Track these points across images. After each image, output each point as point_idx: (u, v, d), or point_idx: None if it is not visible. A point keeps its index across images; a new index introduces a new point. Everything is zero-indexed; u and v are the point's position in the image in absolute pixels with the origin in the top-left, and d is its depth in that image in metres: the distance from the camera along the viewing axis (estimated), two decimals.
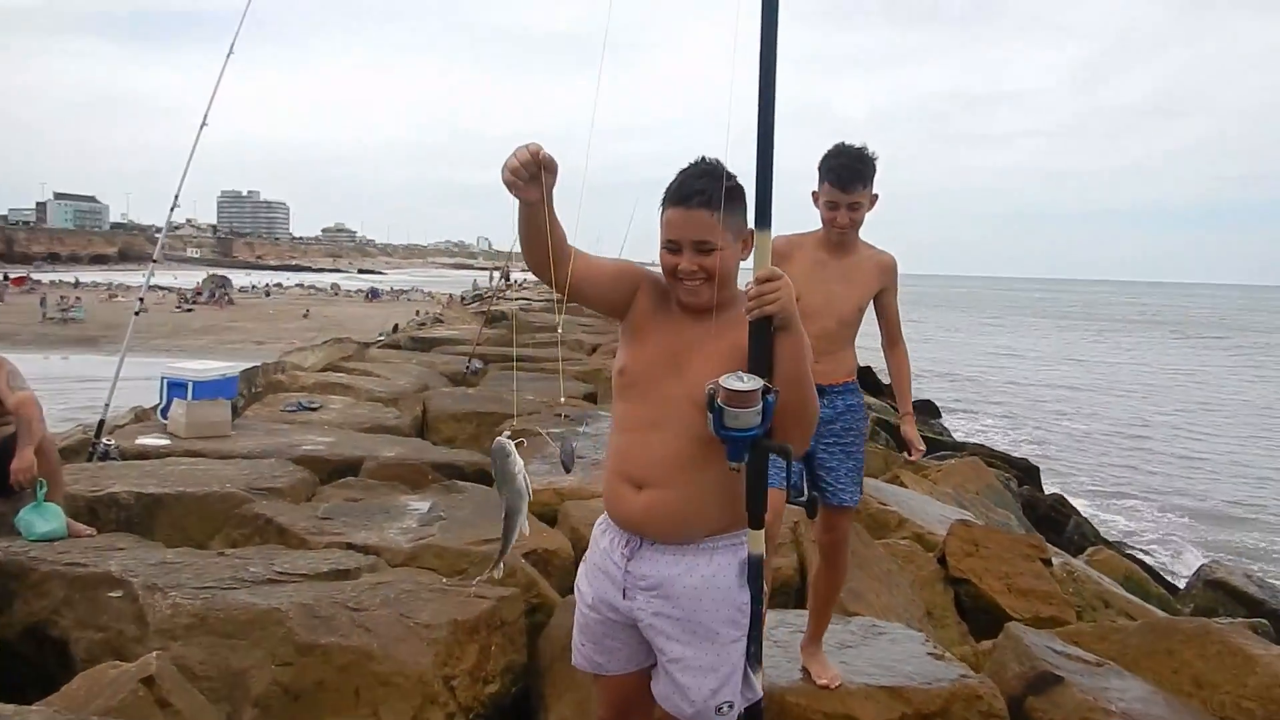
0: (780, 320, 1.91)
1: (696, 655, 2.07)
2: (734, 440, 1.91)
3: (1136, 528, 13.14)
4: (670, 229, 2.05)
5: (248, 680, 3.03)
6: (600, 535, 2.23)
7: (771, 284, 1.88)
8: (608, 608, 2.16)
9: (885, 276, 3.25)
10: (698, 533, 2.08)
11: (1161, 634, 3.76)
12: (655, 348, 2.11)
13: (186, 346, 21.96)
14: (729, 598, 2.07)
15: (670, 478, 2.06)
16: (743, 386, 1.86)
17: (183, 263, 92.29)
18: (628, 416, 2.15)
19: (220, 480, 4.86)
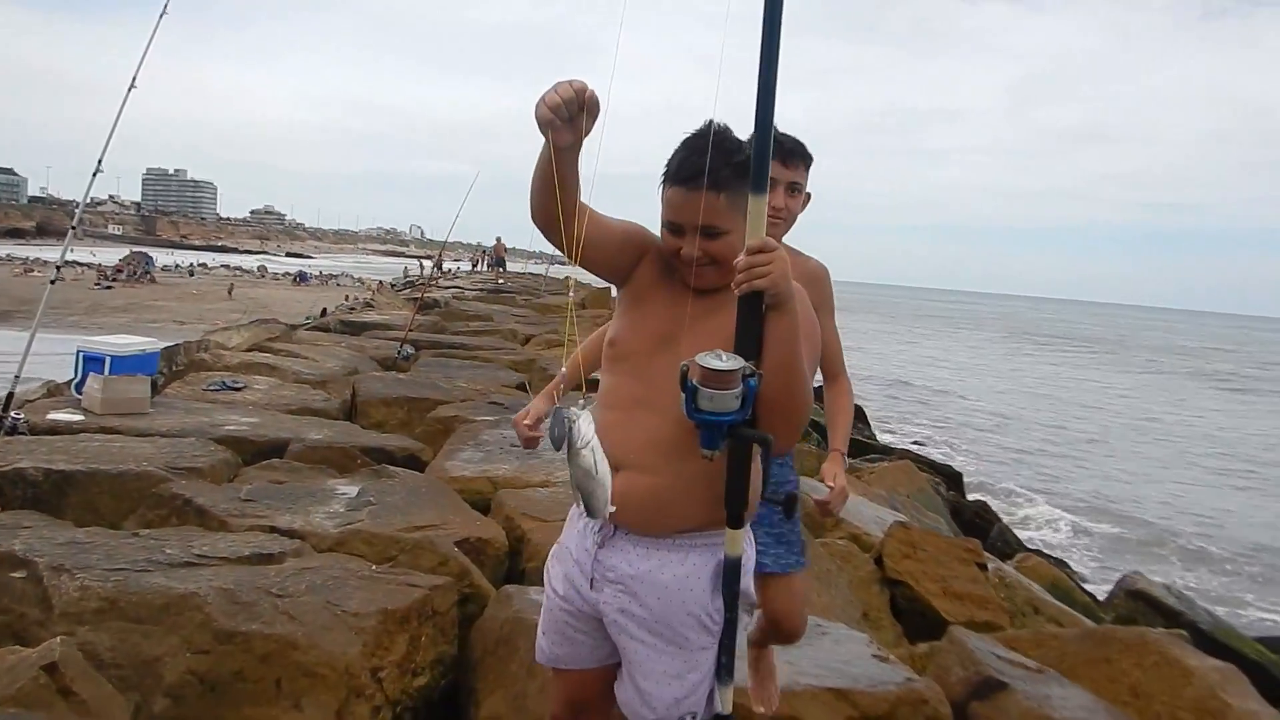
0: (772, 297, 1.73)
1: (661, 660, 1.93)
2: (707, 424, 1.75)
3: (1055, 537, 13.42)
4: (671, 210, 1.89)
5: (160, 668, 2.84)
6: (575, 517, 2.09)
7: (764, 255, 1.70)
8: (576, 596, 2.02)
9: (812, 290, 2.47)
10: (674, 525, 1.92)
11: (1099, 642, 3.77)
12: (652, 321, 1.96)
13: (105, 324, 21.13)
14: (701, 601, 1.92)
15: (650, 461, 1.90)
16: (720, 365, 1.69)
17: (104, 239, 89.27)
18: (613, 392, 1.99)
19: (137, 458, 4.61)
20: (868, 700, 2.86)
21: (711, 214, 1.84)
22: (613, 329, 2.03)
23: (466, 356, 10.56)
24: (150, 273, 39.42)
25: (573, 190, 1.82)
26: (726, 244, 1.85)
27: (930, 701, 2.93)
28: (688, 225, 1.86)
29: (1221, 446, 24.12)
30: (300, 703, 2.85)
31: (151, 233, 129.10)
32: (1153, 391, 37.72)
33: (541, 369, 9.78)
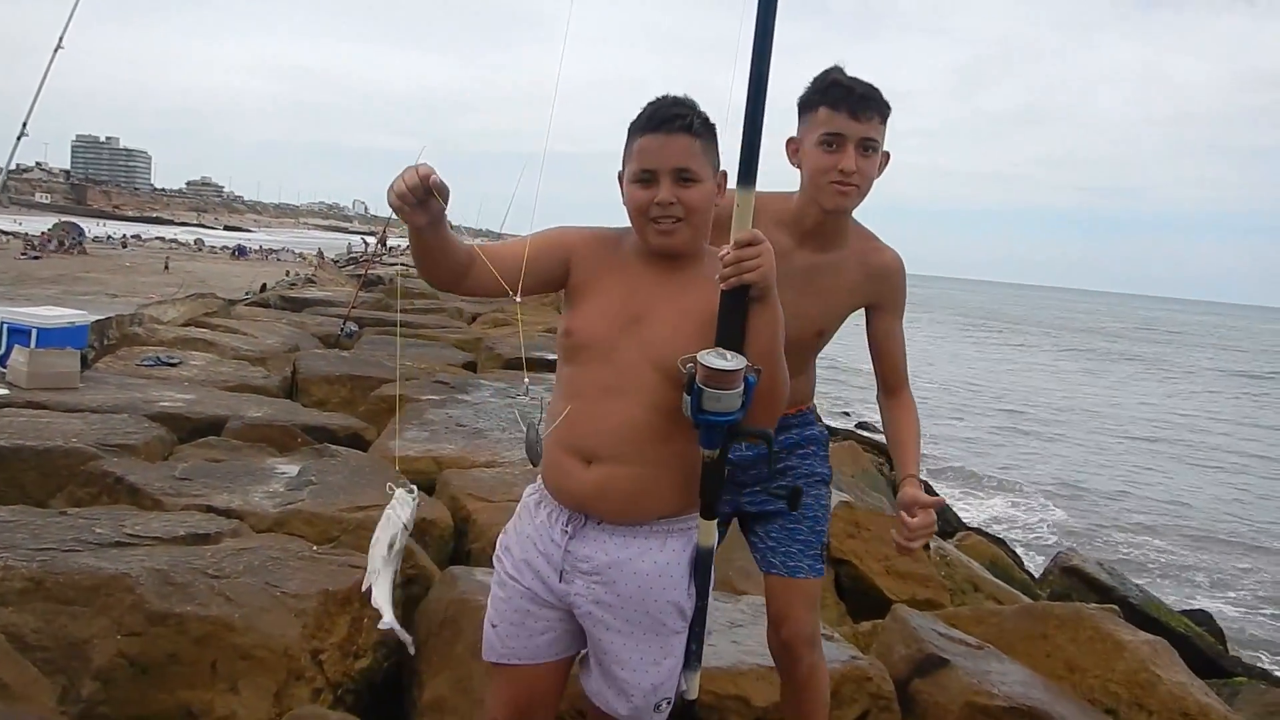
0: (758, 290, 1.71)
1: (639, 648, 1.88)
2: (711, 425, 1.71)
3: (994, 514, 13.71)
4: (645, 157, 1.81)
5: (89, 651, 2.75)
6: (535, 506, 1.99)
7: (752, 249, 1.67)
8: (542, 588, 1.93)
9: (879, 286, 2.29)
10: (652, 513, 1.88)
11: (1036, 618, 3.84)
12: (607, 304, 1.87)
13: (33, 295, 20.44)
14: (681, 586, 1.89)
15: (626, 452, 1.83)
16: (727, 365, 1.64)
17: (30, 208, 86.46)
18: (578, 381, 1.90)
19: (65, 434, 4.45)
20: None
21: (687, 156, 1.79)
22: (566, 320, 1.94)
23: (411, 334, 10.42)
24: (81, 244, 38.31)
25: (453, 253, 1.81)
26: (699, 193, 1.81)
27: (874, 679, 2.95)
28: (663, 170, 1.80)
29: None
30: (237, 685, 2.78)
31: (82, 202, 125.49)
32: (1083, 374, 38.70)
33: (488, 348, 9.69)
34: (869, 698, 2.90)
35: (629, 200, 1.86)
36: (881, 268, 2.27)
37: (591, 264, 1.91)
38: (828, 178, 2.12)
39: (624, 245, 1.92)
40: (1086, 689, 3.56)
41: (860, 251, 2.27)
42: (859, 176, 2.11)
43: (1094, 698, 3.52)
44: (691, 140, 1.79)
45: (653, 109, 1.83)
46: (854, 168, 2.10)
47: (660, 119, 1.80)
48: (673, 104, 1.82)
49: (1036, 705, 2.96)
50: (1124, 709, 3.47)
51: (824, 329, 2.31)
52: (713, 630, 3.07)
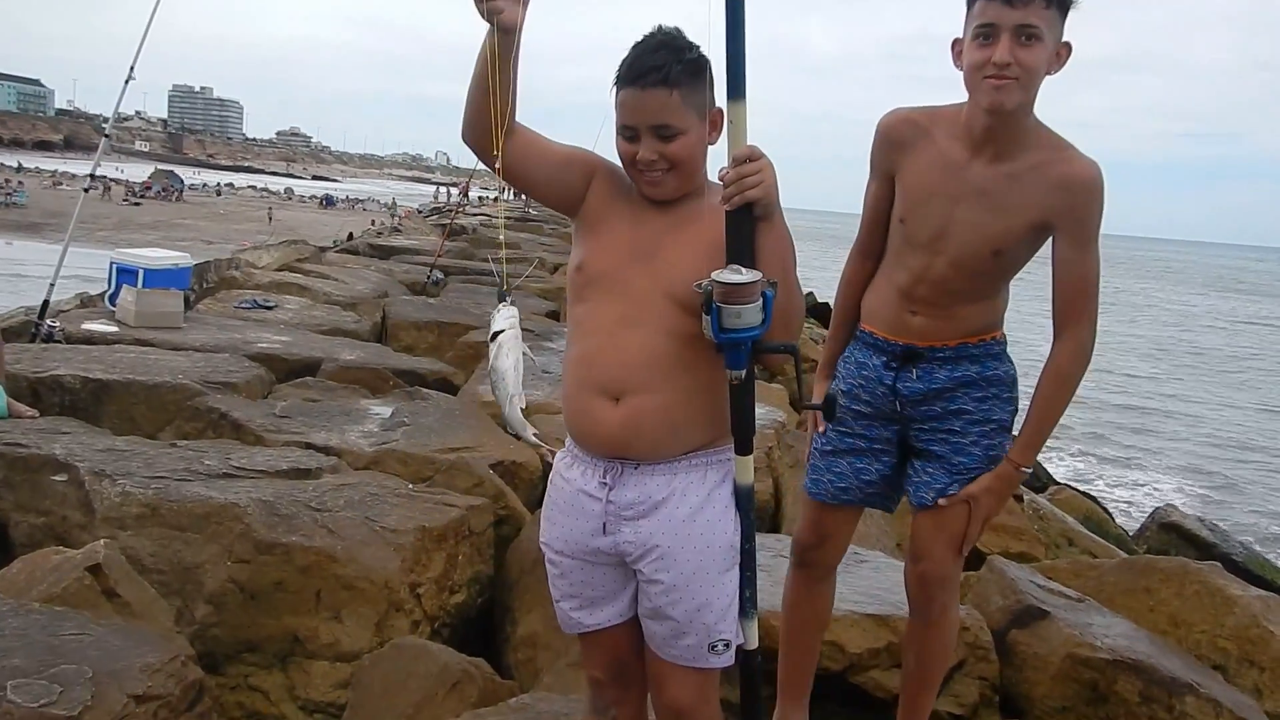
0: (762, 208, 1.67)
1: (690, 586, 1.82)
2: (736, 342, 1.66)
3: (1085, 469, 13.37)
4: (624, 113, 1.76)
5: (201, 575, 2.86)
6: (566, 469, 1.92)
7: (752, 164, 1.64)
8: (585, 550, 1.88)
9: (1063, 201, 1.99)
10: (686, 444, 1.82)
11: (1139, 572, 3.72)
12: (619, 237, 1.83)
13: (134, 240, 21.24)
14: (725, 518, 1.84)
15: (653, 381, 1.77)
16: (741, 279, 1.61)
17: (130, 155, 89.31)
18: (593, 317, 1.84)
19: (172, 371, 4.61)
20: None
21: (666, 111, 1.72)
22: (576, 255, 1.89)
23: (495, 283, 10.50)
24: (180, 191, 39.52)
25: (509, 90, 1.71)
26: (683, 145, 1.75)
27: (971, 629, 2.89)
28: (642, 126, 1.75)
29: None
30: (340, 614, 2.87)
31: (178, 151, 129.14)
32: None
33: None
34: (966, 647, 2.85)
35: (618, 151, 1.82)
36: (1067, 179, 1.98)
37: (605, 196, 1.86)
38: (982, 73, 1.92)
39: (631, 183, 1.87)
40: (1193, 644, 3.44)
41: (1045, 162, 2.00)
42: (1017, 68, 1.89)
43: (1200, 653, 3.41)
44: (669, 93, 1.71)
45: (632, 58, 1.75)
46: (1008, 59, 1.88)
47: (636, 72, 1.73)
48: (653, 51, 1.73)
49: (1142, 658, 2.87)
50: (1233, 665, 3.35)
51: (1001, 248, 2.05)
52: None
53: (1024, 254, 2.09)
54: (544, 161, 1.84)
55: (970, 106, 2.01)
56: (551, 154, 1.84)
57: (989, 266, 2.08)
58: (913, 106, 2.17)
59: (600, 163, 1.89)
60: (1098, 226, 2.02)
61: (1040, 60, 1.92)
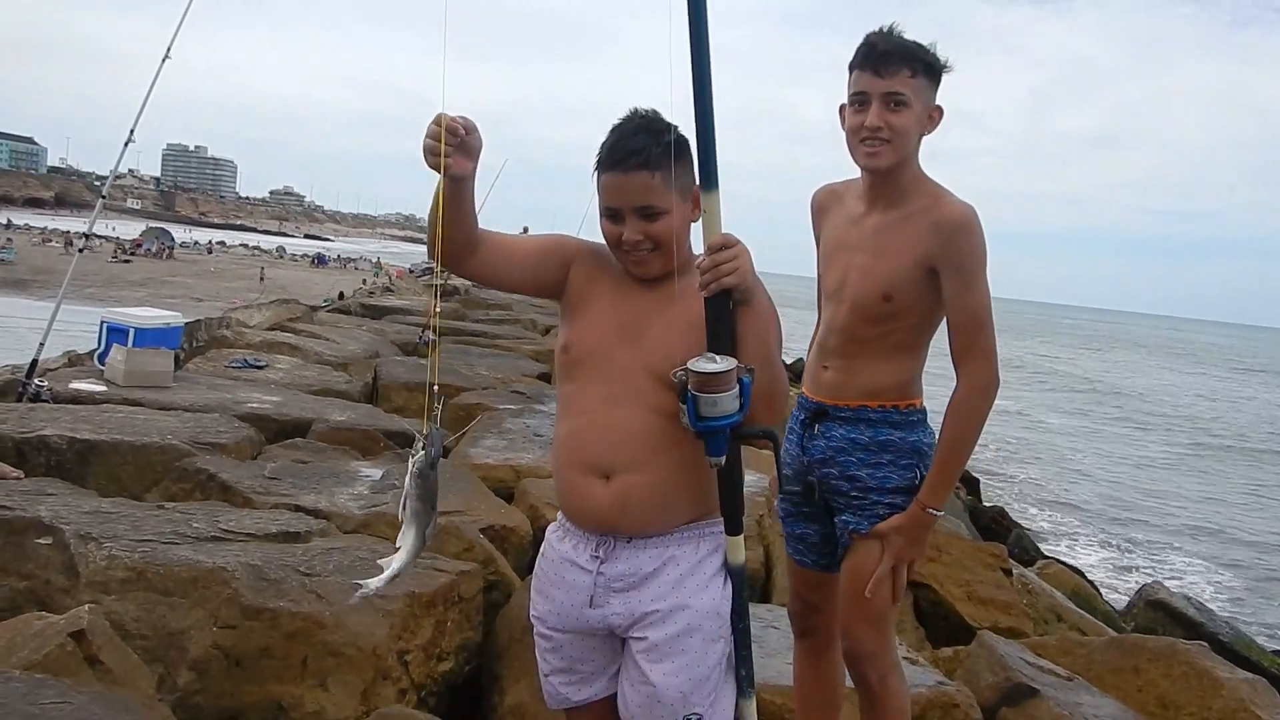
0: (740, 293, 1.69)
1: (672, 653, 1.81)
2: (713, 430, 1.68)
3: (1071, 543, 13.33)
4: (608, 195, 1.82)
5: (185, 641, 2.82)
6: (558, 541, 1.94)
7: (727, 251, 1.66)
8: (576, 623, 1.89)
9: (939, 241, 2.12)
10: (677, 520, 1.84)
11: (1128, 651, 3.72)
12: (603, 317, 1.87)
13: (122, 297, 21.24)
14: (713, 585, 1.84)
15: (641, 459, 1.80)
16: (717, 368, 1.63)
17: (122, 213, 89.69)
18: (580, 396, 1.88)
19: (160, 431, 4.59)
20: None
21: (648, 193, 1.78)
22: (562, 335, 1.94)
23: (487, 344, 10.54)
24: (171, 249, 39.63)
25: (473, 218, 1.81)
26: (666, 224, 1.80)
27: (961, 705, 2.88)
28: (625, 208, 1.80)
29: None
30: (326, 682, 2.83)
31: (170, 208, 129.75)
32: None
33: None
34: None
35: (603, 232, 1.87)
36: (940, 221, 2.12)
37: (587, 277, 1.92)
38: (858, 136, 2.15)
39: (613, 261, 1.92)
40: None
41: (923, 208, 2.17)
42: (887, 131, 2.10)
43: None
44: (650, 176, 1.77)
45: (612, 142, 1.81)
46: (878, 123, 2.10)
47: (617, 156, 1.79)
48: (633, 134, 1.79)
49: None
50: None
51: (890, 291, 2.16)
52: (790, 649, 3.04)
53: (916, 300, 2.17)
54: (516, 263, 1.91)
55: (855, 156, 2.21)
56: (523, 254, 1.92)
57: (883, 310, 2.18)
58: (838, 180, 2.39)
59: (578, 246, 1.95)
60: (978, 265, 2.13)
61: (909, 123, 2.13)
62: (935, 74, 2.16)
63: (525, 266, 1.92)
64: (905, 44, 2.13)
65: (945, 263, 2.12)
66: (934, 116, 2.19)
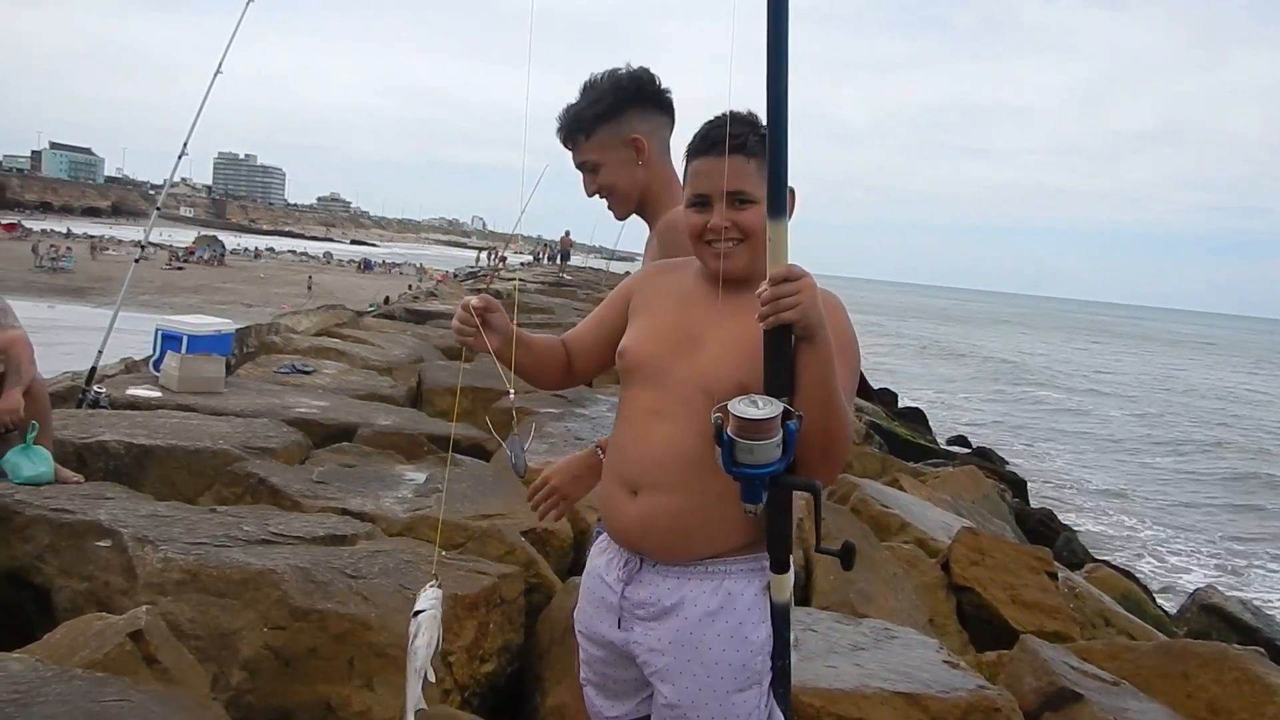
0: (802, 330, 1.55)
1: (695, 702, 1.72)
2: (749, 478, 1.55)
3: (1123, 545, 13.09)
4: (698, 181, 1.76)
5: (237, 641, 2.90)
6: (597, 554, 1.91)
7: (790, 284, 1.52)
8: (604, 641, 1.86)
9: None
10: (703, 550, 1.73)
11: (1176, 656, 3.67)
12: (660, 325, 1.82)
13: (176, 304, 21.71)
14: (739, 635, 1.72)
15: (672, 480, 1.72)
16: (758, 414, 1.50)
17: (175, 221, 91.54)
18: (629, 404, 1.84)
19: (213, 436, 4.71)
20: (939, 706, 2.81)
21: (741, 179, 1.71)
22: (622, 340, 1.89)
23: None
24: (222, 256, 40.40)
25: (549, 355, 1.96)
26: (756, 214, 1.71)
27: (1003, 710, 2.87)
28: (715, 193, 1.74)
29: None
30: (372, 682, 2.89)
31: (221, 216, 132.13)
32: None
33: None
34: None
35: (686, 225, 1.80)
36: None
37: (649, 290, 1.90)
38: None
39: (689, 269, 1.87)
40: None
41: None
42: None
43: None
44: (746, 161, 1.71)
45: (706, 129, 1.77)
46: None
47: (713, 140, 1.73)
48: (731, 122, 1.73)
49: None
50: None
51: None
52: (836, 652, 3.06)
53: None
54: (601, 346, 1.96)
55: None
56: (599, 339, 1.97)
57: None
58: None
59: (636, 276, 1.98)
60: None
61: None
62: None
63: (604, 341, 1.96)
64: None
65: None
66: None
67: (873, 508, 5.64)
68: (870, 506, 5.65)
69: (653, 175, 2.25)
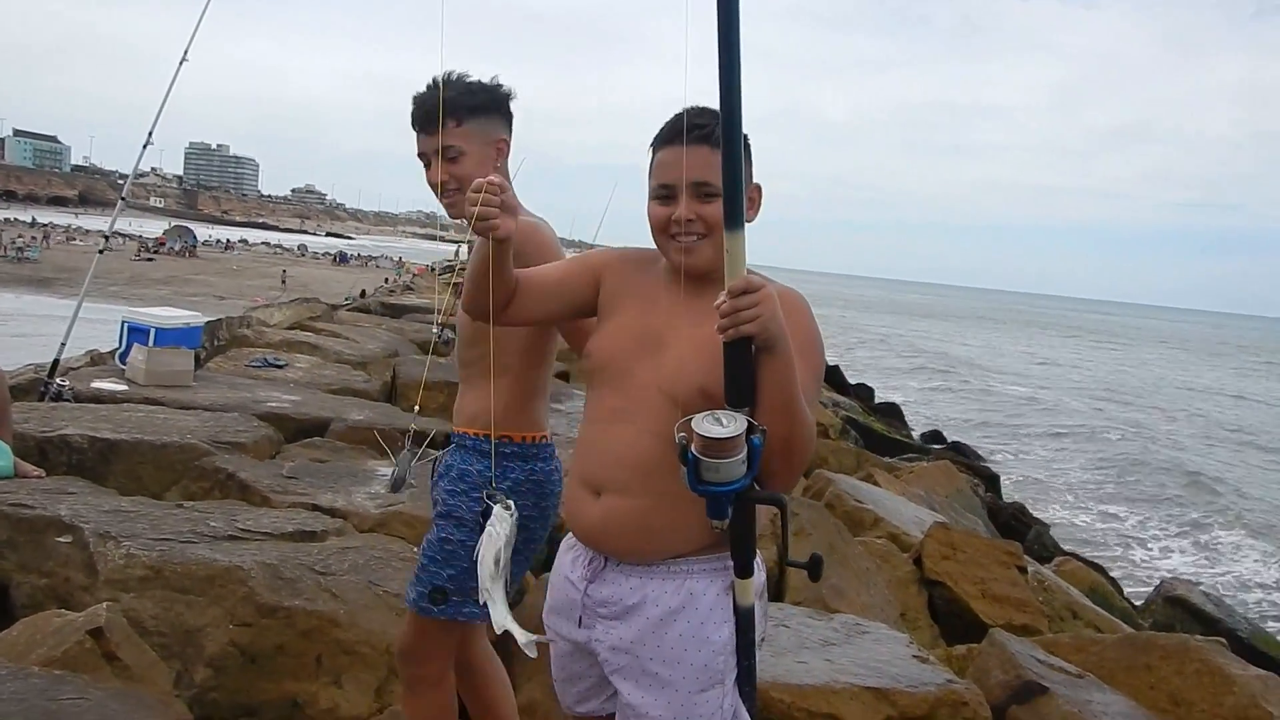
0: (762, 341, 1.52)
1: (654, 704, 1.71)
2: (715, 496, 1.52)
3: (1091, 537, 13.24)
4: (662, 171, 1.72)
5: (202, 639, 2.87)
6: (564, 551, 1.90)
7: (749, 297, 1.49)
8: (568, 638, 1.86)
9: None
10: (664, 550, 1.72)
11: (1140, 648, 3.71)
12: (626, 324, 1.79)
13: (145, 296, 21.47)
14: (701, 635, 1.70)
15: (633, 482, 1.72)
16: (723, 432, 1.47)
17: (145, 211, 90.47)
18: (593, 405, 1.83)
19: (180, 430, 4.64)
20: (907, 700, 2.82)
21: (706, 170, 1.65)
22: (591, 339, 1.87)
23: None
24: (193, 247, 39.97)
25: (511, 273, 1.81)
26: (720, 208, 1.63)
27: (970, 704, 2.89)
28: (680, 184, 1.70)
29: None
30: (340, 679, 2.87)
31: (193, 207, 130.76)
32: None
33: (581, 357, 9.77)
34: None
35: (650, 217, 1.77)
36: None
37: (618, 283, 1.85)
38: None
39: (656, 266, 1.84)
40: None
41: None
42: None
43: None
44: (712, 152, 1.62)
45: (673, 121, 1.72)
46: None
47: (678, 130, 1.69)
48: (695, 115, 1.70)
49: None
50: None
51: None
52: (807, 648, 3.07)
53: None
54: (545, 295, 1.88)
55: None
56: (550, 284, 1.89)
57: (471, 329, 2.26)
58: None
59: (606, 255, 1.91)
60: None
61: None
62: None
63: (552, 296, 1.88)
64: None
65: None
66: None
67: (847, 503, 5.67)
68: (844, 502, 5.67)
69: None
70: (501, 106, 2.28)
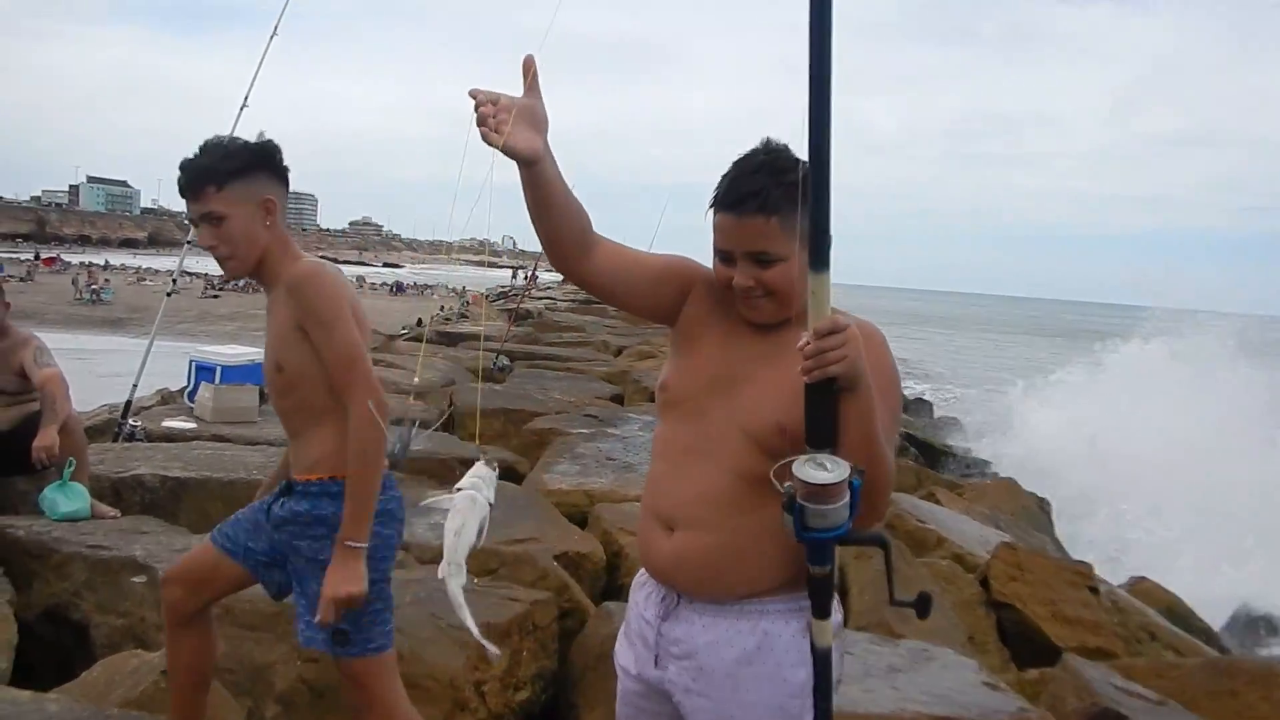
0: (846, 381, 1.50)
1: None
2: (820, 543, 1.52)
3: (1163, 558, 12.84)
4: (720, 237, 1.70)
5: (271, 675, 2.92)
6: (636, 589, 1.87)
7: (835, 337, 1.47)
8: (644, 678, 1.81)
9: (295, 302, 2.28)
10: (738, 589, 1.70)
11: (1224, 673, 3.58)
12: (704, 361, 1.76)
13: (212, 332, 22.05)
14: (777, 676, 1.67)
15: (707, 518, 1.69)
16: (829, 478, 1.45)
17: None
18: (666, 441, 1.80)
19: (246, 466, 4.75)
20: None
21: (763, 239, 1.64)
22: (664, 372, 1.84)
23: (560, 368, 10.64)
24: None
25: (575, 205, 1.67)
26: (781, 273, 1.66)
27: None
28: (737, 253, 1.68)
29: None
30: None
31: None
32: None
33: (635, 381, 9.80)
34: None
35: (714, 272, 1.76)
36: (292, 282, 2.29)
37: (701, 313, 1.80)
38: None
39: (727, 300, 1.78)
40: None
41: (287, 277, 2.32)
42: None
43: None
44: (766, 220, 1.63)
45: (729, 180, 1.69)
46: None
47: (733, 198, 1.66)
48: (752, 173, 1.66)
49: None
50: None
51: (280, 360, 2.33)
52: (872, 675, 3.02)
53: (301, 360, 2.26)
54: (636, 278, 1.78)
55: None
56: (643, 268, 1.79)
57: (278, 381, 2.33)
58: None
59: (700, 274, 1.82)
60: (325, 314, 2.24)
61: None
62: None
63: (644, 282, 1.79)
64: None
65: (306, 319, 2.24)
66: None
67: (908, 523, 5.57)
68: (906, 522, 5.58)
69: (274, 237, 2.32)
70: (267, 164, 2.30)
